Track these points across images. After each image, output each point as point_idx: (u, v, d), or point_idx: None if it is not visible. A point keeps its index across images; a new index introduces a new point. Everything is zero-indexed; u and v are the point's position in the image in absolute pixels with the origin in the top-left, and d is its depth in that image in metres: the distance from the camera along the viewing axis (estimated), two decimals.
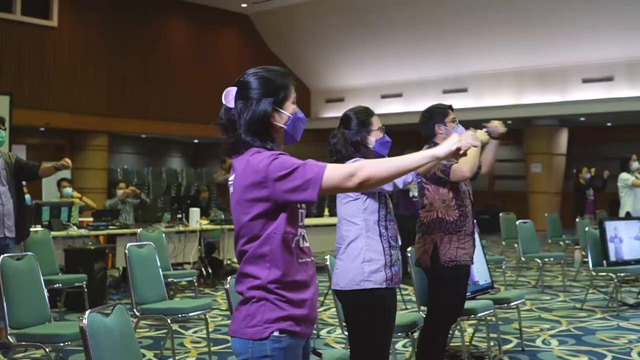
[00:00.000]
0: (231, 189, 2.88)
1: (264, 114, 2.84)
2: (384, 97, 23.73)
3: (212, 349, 6.76)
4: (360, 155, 4.16)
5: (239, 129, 2.83)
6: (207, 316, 6.80)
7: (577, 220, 11.98)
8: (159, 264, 6.78)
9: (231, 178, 2.90)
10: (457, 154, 2.77)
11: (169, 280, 8.66)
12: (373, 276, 4.04)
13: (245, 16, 24.27)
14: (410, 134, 4.78)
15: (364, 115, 4.30)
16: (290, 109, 2.93)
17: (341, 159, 4.16)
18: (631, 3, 17.68)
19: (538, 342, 7.26)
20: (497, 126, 5.29)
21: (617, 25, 18.31)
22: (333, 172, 2.73)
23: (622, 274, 9.14)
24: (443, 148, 2.77)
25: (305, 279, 2.84)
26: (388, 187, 4.06)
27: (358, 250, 4.08)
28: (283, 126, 2.90)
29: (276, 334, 2.76)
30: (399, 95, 23.48)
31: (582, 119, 21.46)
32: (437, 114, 5.23)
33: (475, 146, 2.82)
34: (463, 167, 4.85)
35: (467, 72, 21.77)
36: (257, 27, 24.80)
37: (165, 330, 7.19)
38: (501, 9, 19.51)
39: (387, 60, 22.88)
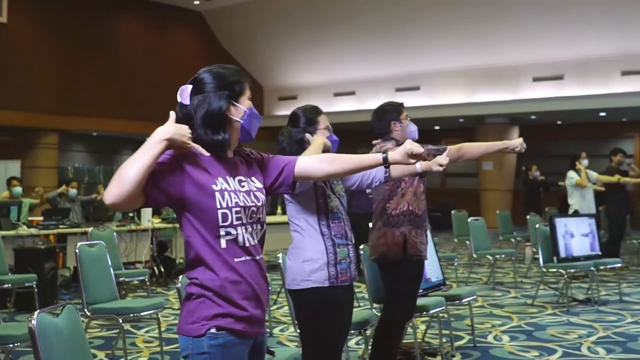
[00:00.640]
0: None
1: (219, 108, 2.84)
2: (336, 95, 23.76)
3: (165, 348, 6.71)
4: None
5: (195, 124, 2.82)
6: (159, 315, 6.76)
7: (527, 217, 12.10)
8: (110, 263, 6.72)
9: None
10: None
11: (121, 279, 8.59)
12: (313, 275, 4.02)
13: (198, 13, 24.15)
14: (363, 132, 4.78)
15: (311, 114, 4.28)
16: (246, 103, 2.92)
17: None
18: (580, 3, 17.91)
19: (490, 338, 7.32)
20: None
21: (567, 25, 18.54)
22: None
23: (572, 270, 9.27)
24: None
25: (246, 278, 2.82)
26: (348, 183, 4.14)
27: (300, 250, 4.08)
28: (239, 120, 2.89)
29: (213, 330, 2.73)
30: (352, 93, 23.52)
31: (533, 117, 21.70)
32: (391, 111, 5.25)
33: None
34: None
35: (420, 70, 21.87)
36: (210, 25, 24.69)
37: (117, 330, 7.12)
38: (454, 8, 19.63)
39: (340, 59, 22.91)
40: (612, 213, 12.19)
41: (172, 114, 2.74)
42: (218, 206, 2.78)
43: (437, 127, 25.35)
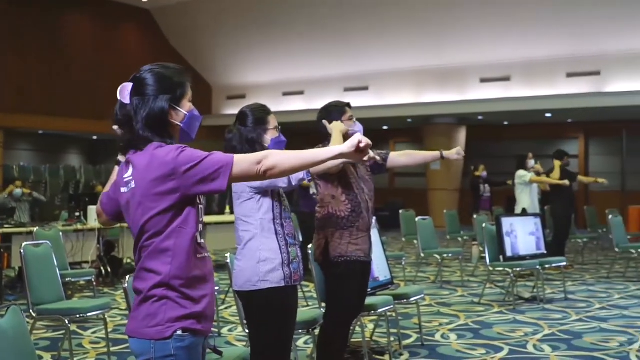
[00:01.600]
0: (131, 185, 2.83)
1: (160, 111, 2.81)
2: (285, 94, 23.76)
3: (112, 349, 6.65)
4: (255, 152, 4.12)
5: (136, 125, 2.78)
6: (106, 316, 6.69)
7: (474, 216, 12.22)
8: (56, 263, 6.63)
9: (127, 174, 2.85)
10: (359, 149, 2.79)
11: (67, 280, 8.48)
12: (270, 276, 4.02)
13: (146, 11, 23.97)
14: (312, 132, 4.80)
15: (260, 113, 4.27)
16: (186, 106, 2.90)
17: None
18: (527, 5, 18.13)
19: (437, 337, 7.37)
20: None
21: (514, 27, 18.76)
22: (241, 159, 2.75)
23: (518, 269, 9.37)
24: (346, 144, 2.79)
25: (204, 274, 2.82)
26: (282, 184, 4.06)
27: (254, 250, 4.06)
28: (179, 124, 2.88)
29: (179, 332, 2.72)
30: (301, 92, 23.54)
31: (480, 117, 21.92)
32: (334, 112, 5.22)
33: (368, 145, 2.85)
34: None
35: (369, 70, 21.96)
36: (159, 22, 24.53)
37: (63, 331, 7.02)
38: (402, 8, 19.74)
39: (289, 58, 22.91)
40: (557, 212, 12.35)
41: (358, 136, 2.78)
42: (198, 201, 2.83)
43: (385, 127, 25.45)
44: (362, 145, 2.76)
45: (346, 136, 4.09)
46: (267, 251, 4.04)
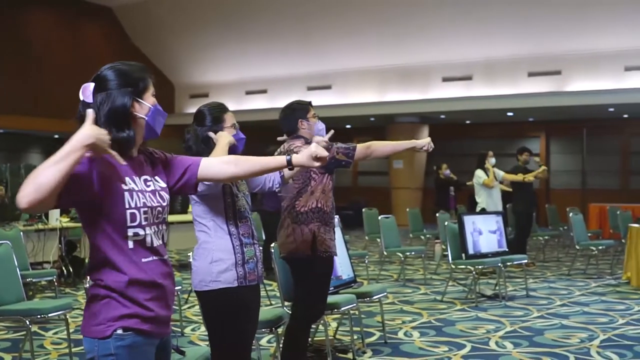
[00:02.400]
0: None
1: (123, 105, 2.78)
2: (248, 93, 23.73)
3: (74, 350, 6.59)
4: (211, 152, 4.11)
5: (98, 121, 2.75)
6: (67, 316, 6.62)
7: (437, 215, 12.28)
8: (16, 263, 6.56)
9: None
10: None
11: (28, 280, 8.39)
12: (222, 276, 4.00)
13: (108, 9, 23.80)
14: (275, 130, 4.81)
15: (217, 112, 4.25)
16: (150, 100, 2.87)
17: (192, 155, 4.10)
18: (489, 5, 18.25)
19: (400, 335, 7.40)
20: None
21: (476, 27, 18.88)
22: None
23: (480, 267, 9.44)
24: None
25: (152, 279, 2.77)
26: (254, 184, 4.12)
27: (208, 250, 4.04)
28: (144, 117, 2.84)
29: (119, 331, 2.68)
30: (264, 91, 23.51)
31: (442, 116, 22.05)
32: (299, 110, 5.26)
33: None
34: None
35: (332, 69, 21.99)
36: (121, 21, 24.37)
37: (24, 332, 6.95)
38: (366, 7, 19.79)
39: (252, 56, 22.86)
40: (519, 210, 12.45)
41: (91, 112, 2.60)
42: (127, 206, 2.73)
43: (348, 126, 25.50)
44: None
45: (232, 147, 4.08)
46: (220, 251, 4.02)
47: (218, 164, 3.05)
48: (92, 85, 2.80)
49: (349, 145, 5.02)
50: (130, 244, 2.74)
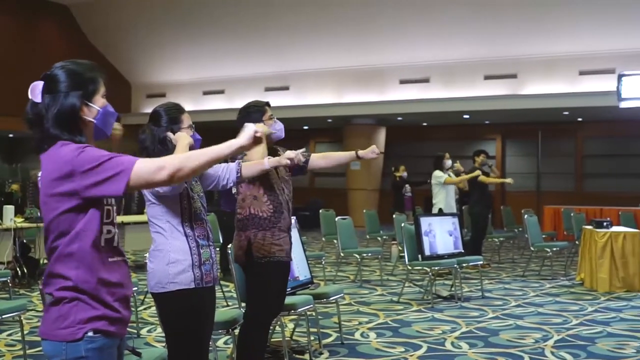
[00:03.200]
0: (39, 185, 2.77)
1: (72, 108, 2.74)
2: (206, 93, 23.64)
3: (28, 351, 6.50)
4: (168, 153, 4.08)
5: (46, 123, 2.71)
6: (22, 318, 6.54)
7: (394, 216, 12.32)
8: None
9: (40, 174, 2.78)
10: (256, 140, 2.83)
11: None
12: (179, 277, 3.98)
13: (65, 7, 23.56)
14: (233, 131, 4.79)
15: (174, 112, 4.21)
16: (99, 102, 2.82)
17: (148, 156, 4.07)
18: (446, 8, 18.38)
19: (357, 335, 7.41)
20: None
21: (434, 30, 19.00)
22: (143, 165, 2.65)
23: (436, 268, 9.49)
24: (243, 136, 2.81)
25: (118, 279, 2.76)
26: (171, 189, 4.01)
27: (164, 252, 4.02)
28: (92, 120, 2.80)
29: (90, 334, 2.66)
30: (221, 92, 23.44)
31: (400, 118, 22.13)
32: (254, 111, 5.22)
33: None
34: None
35: (290, 70, 22.00)
36: (77, 19, 24.14)
37: None
38: (323, 9, 19.82)
39: (209, 57, 22.80)
40: (474, 212, 12.54)
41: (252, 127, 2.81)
42: (105, 202, 2.74)
43: (306, 127, 25.51)
44: (257, 134, 2.83)
45: (192, 147, 4.06)
46: (177, 253, 4.00)
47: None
48: (41, 84, 2.76)
49: (305, 152, 5.04)
50: (103, 242, 2.73)
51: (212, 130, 4.62)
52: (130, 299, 2.86)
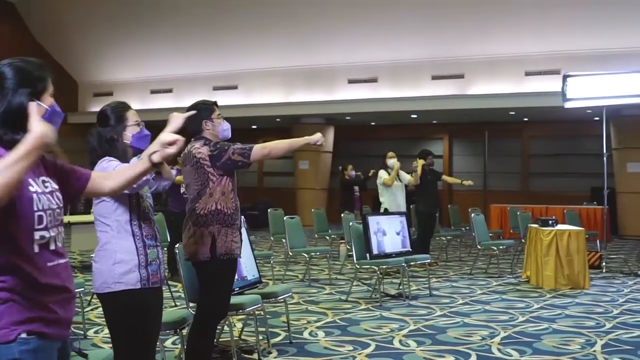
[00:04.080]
0: None
1: (19, 106, 2.69)
2: (153, 92, 23.48)
3: None
4: (117, 152, 4.04)
5: None
6: None
7: (342, 215, 12.35)
8: None
9: None
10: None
11: None
12: (125, 277, 3.93)
13: (10, 5, 23.23)
14: (180, 130, 4.76)
15: (119, 111, 4.17)
16: (48, 101, 2.78)
17: (96, 157, 4.03)
18: (393, 8, 18.47)
19: (305, 334, 7.40)
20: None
21: (382, 30, 19.09)
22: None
23: (384, 267, 9.54)
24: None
25: (57, 283, 2.69)
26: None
27: (110, 251, 3.97)
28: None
29: (24, 335, 2.59)
30: (169, 90, 23.30)
31: (348, 118, 22.20)
32: (203, 110, 5.22)
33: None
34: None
35: (238, 70, 21.93)
36: (24, 17, 23.81)
37: None
38: (272, 8, 19.80)
39: (157, 56, 22.64)
40: (422, 211, 12.61)
41: (35, 105, 2.57)
42: (35, 209, 2.65)
43: (254, 126, 25.47)
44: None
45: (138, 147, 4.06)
46: (123, 253, 3.95)
47: (99, 179, 3.06)
48: None
49: (245, 146, 5.03)
50: (36, 248, 2.64)
51: (159, 129, 4.59)
52: (71, 300, 2.80)
